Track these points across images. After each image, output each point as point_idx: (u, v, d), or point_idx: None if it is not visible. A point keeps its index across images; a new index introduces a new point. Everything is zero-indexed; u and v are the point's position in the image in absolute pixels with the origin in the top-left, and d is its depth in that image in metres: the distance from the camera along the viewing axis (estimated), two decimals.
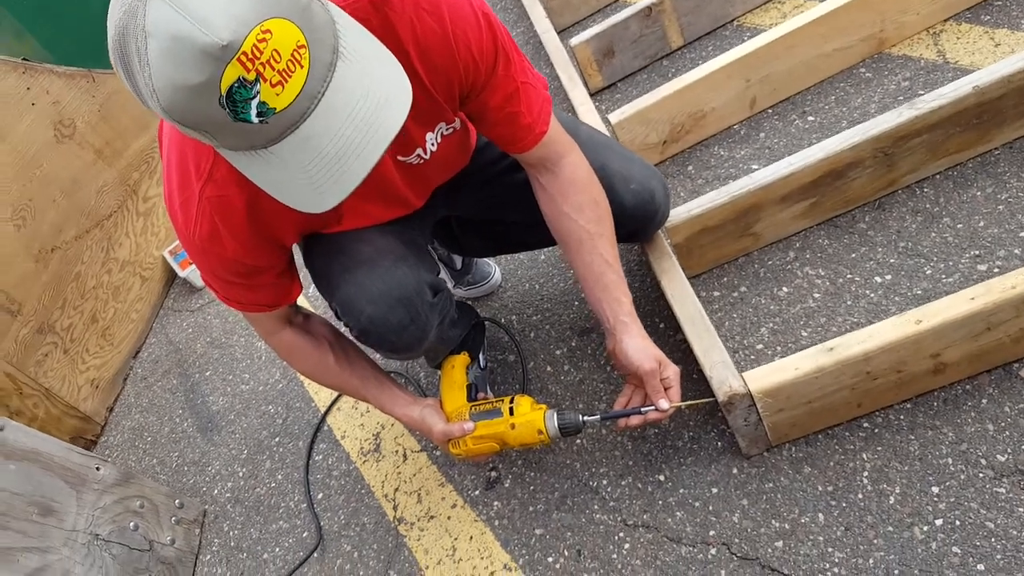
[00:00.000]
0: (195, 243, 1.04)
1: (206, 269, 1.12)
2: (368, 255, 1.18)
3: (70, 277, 2.40)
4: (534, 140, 1.13)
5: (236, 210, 1.01)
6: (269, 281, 1.16)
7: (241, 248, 1.05)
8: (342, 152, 0.79)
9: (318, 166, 0.79)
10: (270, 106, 0.73)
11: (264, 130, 0.75)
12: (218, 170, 0.97)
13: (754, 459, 1.26)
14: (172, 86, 0.70)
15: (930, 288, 1.32)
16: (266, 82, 0.71)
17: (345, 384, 1.33)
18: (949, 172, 1.46)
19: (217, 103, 0.71)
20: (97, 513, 1.63)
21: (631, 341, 1.18)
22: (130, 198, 2.72)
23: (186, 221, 1.02)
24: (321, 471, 1.74)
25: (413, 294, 1.19)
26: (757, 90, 1.78)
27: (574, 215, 1.18)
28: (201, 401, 2.18)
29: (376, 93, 0.80)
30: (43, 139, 2.39)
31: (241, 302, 1.18)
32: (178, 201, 1.01)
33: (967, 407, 1.16)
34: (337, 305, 1.20)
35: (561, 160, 1.18)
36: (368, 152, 0.80)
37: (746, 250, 1.53)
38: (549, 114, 1.15)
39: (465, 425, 1.26)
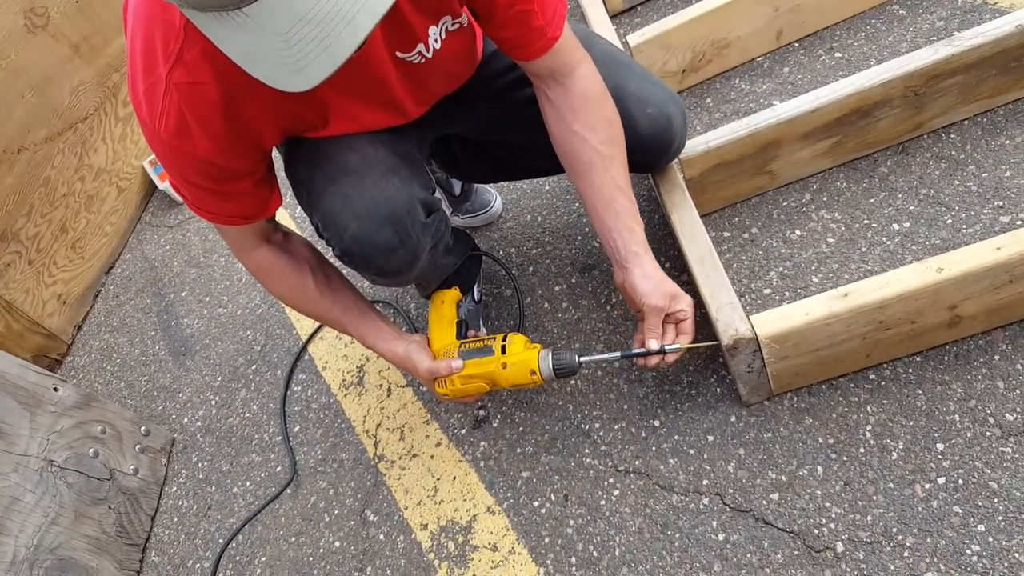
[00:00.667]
0: (161, 139, 0.95)
1: (174, 170, 1.03)
2: (356, 164, 1.11)
3: (38, 182, 2.34)
4: (545, 46, 1.07)
5: (209, 101, 0.92)
6: (245, 189, 1.08)
7: (213, 146, 0.97)
8: (330, 16, 0.69)
9: (301, 32, 0.70)
10: None
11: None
12: (189, 51, 0.88)
13: (754, 408, 1.26)
14: None
15: (949, 238, 1.31)
16: None
17: (325, 312, 1.27)
18: (978, 119, 1.44)
19: None
20: (53, 437, 1.58)
21: (641, 273, 1.14)
22: (108, 101, 2.64)
23: (151, 112, 0.92)
24: (299, 403, 1.74)
25: (404, 211, 1.12)
26: (785, 21, 1.73)
27: (585, 134, 1.13)
28: (175, 323, 2.16)
29: None
30: (11, 27, 2.29)
31: (212, 212, 1.10)
32: (142, 88, 0.91)
33: (978, 363, 1.16)
34: (319, 219, 1.13)
35: (573, 72, 1.12)
36: (362, 18, 0.70)
37: (761, 189, 1.51)
38: (563, 18, 1.08)
39: (453, 363, 1.22)
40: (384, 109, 1.14)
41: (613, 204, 1.16)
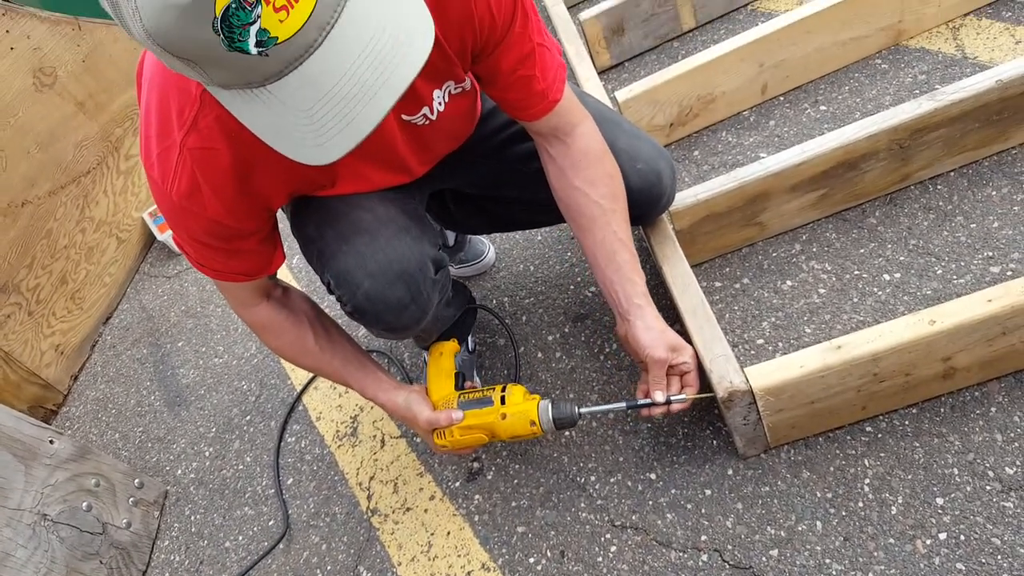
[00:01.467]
0: (171, 200, 0.95)
1: (181, 229, 1.02)
2: (368, 224, 1.10)
3: (40, 234, 2.31)
4: (547, 107, 1.08)
5: (221, 165, 0.92)
6: (251, 247, 1.07)
7: (223, 208, 0.96)
8: (353, 94, 0.69)
9: (324, 109, 0.70)
10: (272, 35, 0.64)
11: (263, 64, 0.67)
12: (203, 118, 0.88)
13: (751, 460, 1.21)
14: (159, 4, 0.61)
15: (940, 288, 1.28)
16: (268, 4, 0.62)
17: (325, 366, 1.24)
18: (964, 170, 1.42)
19: (210, 27, 0.62)
20: (47, 491, 1.53)
21: (644, 325, 1.13)
22: (111, 155, 2.63)
23: (163, 174, 0.93)
24: (293, 455, 1.68)
25: (415, 269, 1.11)
26: (769, 76, 1.73)
27: (586, 189, 1.13)
28: (171, 373, 2.11)
29: (394, 27, 0.71)
30: (20, 86, 2.30)
31: (217, 269, 1.08)
32: (156, 151, 0.92)
33: (975, 415, 1.12)
34: (331, 277, 1.12)
35: (574, 130, 1.12)
36: (382, 96, 0.70)
37: (751, 240, 1.49)
38: (564, 81, 1.09)
39: (453, 414, 1.19)
40: (390, 169, 1.13)
41: (615, 257, 1.14)
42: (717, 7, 2.08)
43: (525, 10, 0.99)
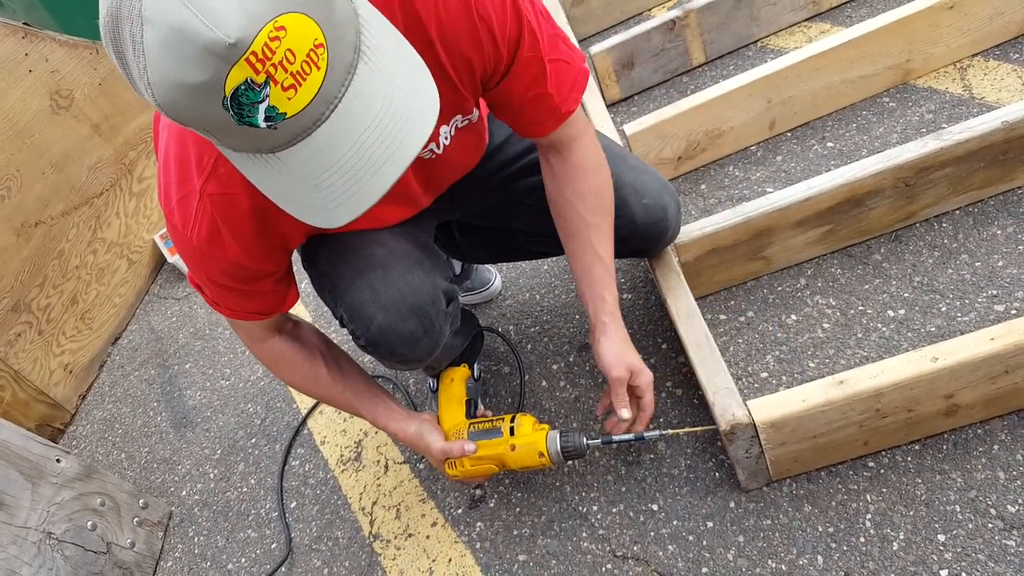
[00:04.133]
0: (192, 244, 0.97)
1: (200, 272, 1.04)
2: (381, 258, 1.13)
3: (53, 254, 2.36)
4: (558, 121, 1.09)
5: (241, 210, 0.94)
6: (267, 288, 1.09)
7: (243, 252, 0.99)
8: (359, 166, 0.72)
9: (331, 179, 0.73)
10: (280, 111, 0.67)
11: (272, 135, 0.70)
12: (223, 164, 0.90)
13: (753, 493, 1.23)
14: (170, 82, 0.64)
15: (944, 326, 1.30)
16: (277, 85, 0.65)
17: (337, 397, 1.27)
18: (970, 208, 1.44)
19: (220, 105, 0.65)
20: (53, 509, 1.55)
21: (607, 343, 1.16)
22: (124, 177, 2.69)
23: (183, 220, 0.95)
24: (297, 478, 1.70)
25: (428, 303, 1.14)
26: (777, 112, 1.77)
27: (574, 201, 1.15)
28: (178, 395, 2.14)
29: (400, 100, 0.73)
30: (37, 108, 2.36)
31: (231, 308, 1.10)
32: (175, 197, 0.94)
33: (978, 452, 1.13)
34: (344, 311, 1.14)
35: (573, 143, 1.13)
36: (388, 168, 0.73)
37: (756, 274, 1.51)
38: (581, 91, 1.09)
39: (467, 446, 1.21)
40: (398, 202, 1.16)
41: (591, 271, 1.18)
42: (727, 43, 2.13)
43: (532, 30, 0.98)
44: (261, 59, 0.63)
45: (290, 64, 0.64)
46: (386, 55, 0.73)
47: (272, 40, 0.62)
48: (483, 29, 0.93)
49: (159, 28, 0.61)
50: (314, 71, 0.66)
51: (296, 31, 0.64)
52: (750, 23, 2.09)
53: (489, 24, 0.93)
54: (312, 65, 0.66)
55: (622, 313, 1.21)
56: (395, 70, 0.74)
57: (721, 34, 2.10)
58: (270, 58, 0.63)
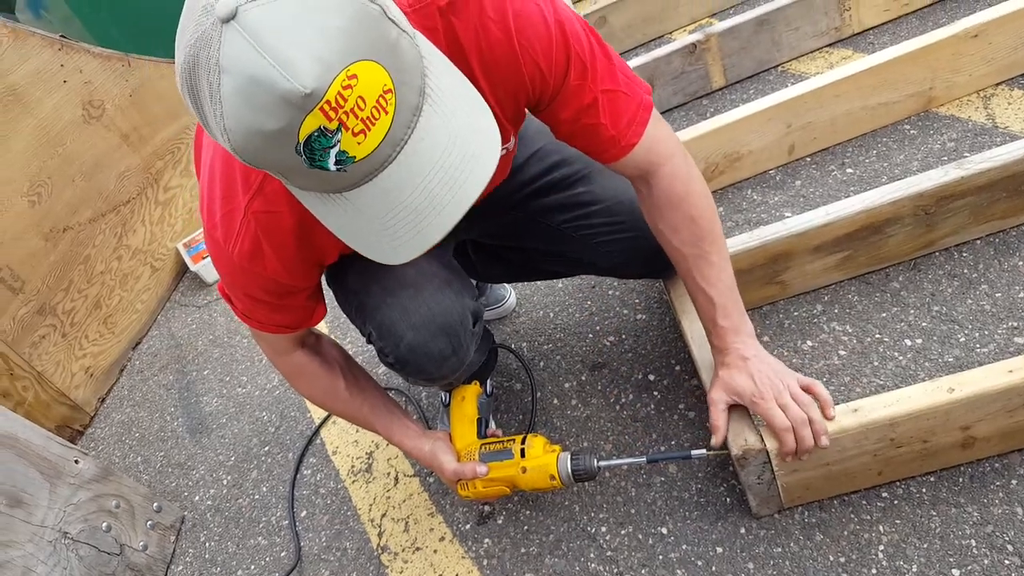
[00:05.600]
0: (232, 260, 0.98)
1: (236, 286, 1.05)
2: (412, 278, 1.14)
3: (79, 260, 2.39)
4: (620, 153, 1.05)
5: (284, 228, 0.96)
6: (299, 303, 1.10)
7: (283, 268, 1.00)
8: (424, 206, 0.74)
9: (397, 218, 0.75)
10: (350, 155, 0.68)
11: (341, 178, 0.71)
12: (270, 183, 0.92)
13: (764, 520, 1.20)
14: (245, 129, 0.65)
15: (963, 356, 1.27)
16: (348, 131, 0.66)
17: (355, 412, 1.28)
18: (991, 238, 1.42)
19: (293, 150, 0.67)
20: (69, 509, 1.56)
21: (715, 371, 1.15)
22: (151, 186, 2.73)
23: (226, 235, 0.96)
24: (308, 487, 1.70)
25: (457, 322, 1.15)
26: (797, 137, 1.75)
27: (668, 234, 1.13)
28: (195, 400, 2.15)
29: (463, 141, 0.75)
30: (70, 117, 2.41)
31: (261, 321, 1.11)
32: (219, 213, 0.95)
33: (995, 487, 1.10)
34: (373, 328, 1.15)
35: (657, 171, 1.09)
36: (451, 209, 0.75)
37: (772, 299, 1.49)
38: (643, 124, 1.04)
39: (479, 468, 1.20)
40: None
41: (697, 302, 1.16)
42: (747, 67, 2.12)
43: (583, 61, 0.96)
44: (334, 107, 0.64)
45: (361, 111, 0.65)
46: (449, 96, 0.75)
47: (345, 88, 0.63)
48: (526, 59, 0.92)
49: (236, 77, 0.62)
50: (383, 116, 0.67)
51: (367, 78, 0.65)
52: (771, 48, 2.08)
53: (532, 53, 0.92)
54: (381, 110, 0.67)
55: (635, 332, 1.20)
56: (458, 110, 0.75)
57: (742, 58, 2.10)
58: (343, 106, 0.64)
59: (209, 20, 0.63)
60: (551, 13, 0.93)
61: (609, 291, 1.74)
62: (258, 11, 0.61)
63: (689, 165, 1.12)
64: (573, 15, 0.97)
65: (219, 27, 0.62)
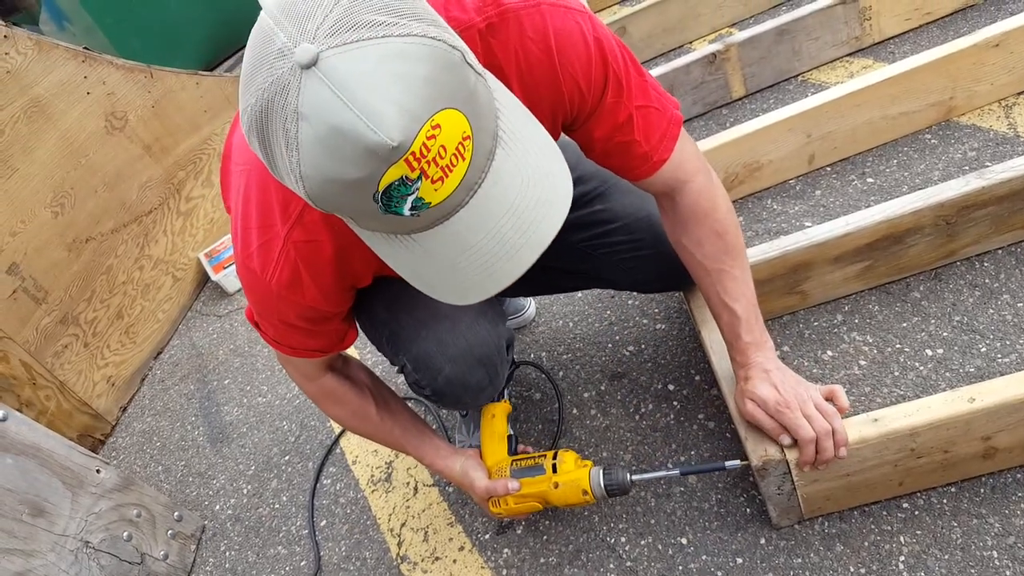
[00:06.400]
0: (270, 288, 0.97)
1: (272, 313, 1.04)
2: (446, 309, 1.14)
3: (101, 270, 2.45)
4: (651, 169, 1.07)
5: (324, 257, 0.96)
6: (333, 327, 1.11)
7: (321, 296, 1.00)
8: (495, 250, 0.74)
9: (468, 261, 0.75)
10: (426, 201, 0.68)
11: (413, 222, 0.71)
12: (309, 212, 0.92)
13: (784, 531, 1.22)
14: (324, 177, 0.64)
15: (984, 367, 1.28)
16: (427, 179, 0.66)
17: (386, 435, 1.29)
18: (1012, 248, 1.43)
19: (371, 198, 0.66)
20: (91, 519, 1.60)
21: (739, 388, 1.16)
22: (172, 197, 2.79)
23: (264, 265, 0.95)
24: (328, 496, 1.73)
25: (494, 352, 1.17)
26: (817, 146, 1.77)
27: (692, 248, 1.15)
28: (215, 410, 2.20)
29: (535, 185, 0.75)
30: (93, 128, 2.47)
31: (293, 347, 1.11)
32: (256, 243, 0.95)
33: (1017, 498, 1.11)
34: (408, 360, 1.17)
35: (684, 187, 1.11)
36: (524, 253, 0.75)
37: (792, 308, 1.51)
38: (674, 139, 1.07)
39: (510, 484, 1.22)
40: None
41: (719, 319, 1.18)
42: (767, 77, 2.15)
43: (619, 79, 0.97)
44: (418, 158, 0.64)
45: (441, 159, 0.66)
46: (521, 138, 0.75)
47: (429, 139, 0.63)
48: (566, 77, 0.93)
49: (317, 126, 0.62)
50: (460, 162, 0.67)
51: (449, 127, 0.65)
52: (791, 57, 2.11)
53: (572, 72, 0.93)
54: (459, 157, 0.67)
55: (654, 342, 1.22)
56: (529, 153, 0.75)
57: (762, 68, 2.12)
58: (426, 156, 0.64)
59: (287, 65, 0.62)
60: (590, 31, 0.93)
61: (629, 301, 1.77)
62: (340, 58, 0.61)
63: (713, 180, 1.14)
64: (610, 33, 0.97)
65: (298, 73, 0.61)
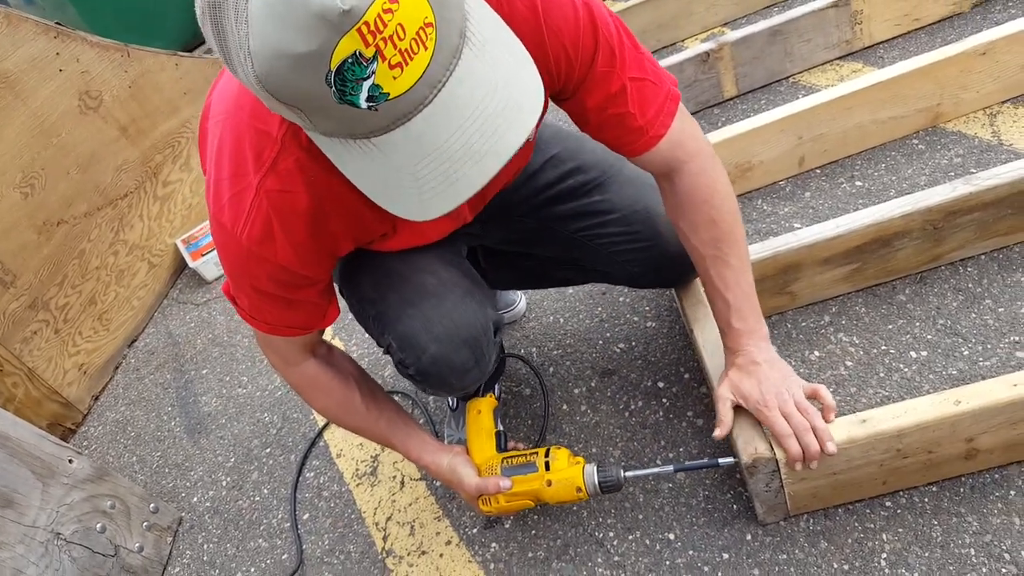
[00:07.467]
0: (240, 244, 0.94)
1: (244, 277, 1.01)
2: (433, 287, 1.15)
3: (73, 254, 2.44)
4: (647, 144, 1.06)
5: (298, 209, 0.93)
6: (309, 298, 1.07)
7: (294, 254, 0.97)
8: (459, 155, 0.71)
9: (429, 168, 0.72)
10: (384, 90, 0.65)
11: (371, 118, 0.68)
12: (283, 160, 0.89)
13: (770, 527, 1.27)
14: (273, 52, 0.62)
15: (966, 369, 1.35)
16: (384, 61, 0.63)
17: (371, 427, 1.28)
18: (995, 254, 1.50)
19: (323, 79, 0.64)
20: (62, 510, 1.58)
21: (726, 374, 1.21)
22: (149, 180, 2.78)
23: (234, 217, 0.92)
24: (311, 490, 1.75)
25: (480, 333, 1.17)
26: (808, 148, 1.83)
27: (688, 233, 1.16)
28: (193, 400, 2.20)
29: (503, 90, 0.73)
30: (66, 107, 2.45)
31: (270, 323, 1.08)
32: (228, 194, 0.92)
33: (994, 497, 1.18)
34: (394, 339, 1.16)
35: (682, 168, 1.11)
36: (489, 160, 0.72)
37: (780, 309, 1.57)
38: (671, 115, 1.06)
39: (502, 483, 1.22)
40: (447, 216, 1.20)
41: (714, 304, 1.21)
42: (759, 77, 2.21)
43: (611, 47, 0.97)
44: (372, 31, 0.61)
45: (400, 40, 0.63)
46: (491, 42, 0.73)
47: (385, 12, 0.61)
48: (552, 39, 0.92)
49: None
50: (421, 51, 0.65)
51: (408, 6, 0.63)
52: (783, 59, 2.17)
53: (559, 34, 0.92)
54: (420, 44, 0.65)
55: (645, 339, 1.25)
56: (500, 58, 0.74)
57: (754, 68, 2.18)
58: (381, 31, 0.62)
59: None
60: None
61: (620, 298, 1.81)
62: None
63: (715, 164, 1.15)
64: (603, 3, 0.98)
65: None
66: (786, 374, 1.17)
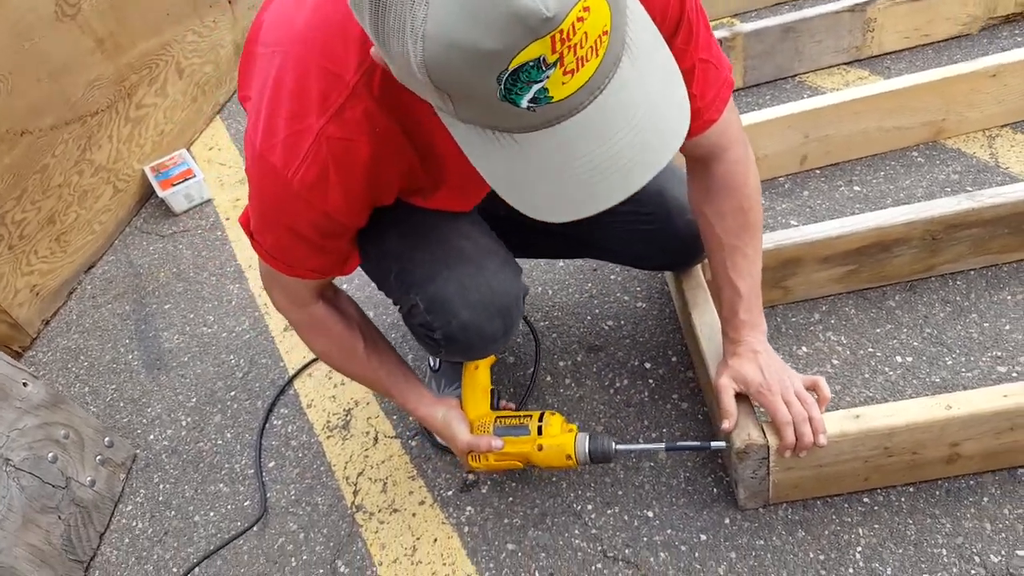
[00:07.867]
0: (289, 186, 0.90)
1: (281, 219, 0.98)
2: (470, 253, 1.14)
3: (35, 168, 2.32)
4: (700, 127, 1.06)
5: (358, 160, 0.90)
6: (340, 246, 1.06)
7: (345, 203, 0.95)
8: (605, 165, 0.70)
9: (572, 173, 0.70)
10: (549, 94, 0.63)
11: (524, 117, 0.66)
12: (351, 108, 0.86)
13: (749, 513, 1.31)
14: (450, 41, 0.58)
15: (948, 379, 1.40)
16: (561, 68, 0.61)
17: (370, 373, 1.28)
18: (985, 271, 1.56)
19: (494, 78, 0.61)
20: (13, 435, 1.53)
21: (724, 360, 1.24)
22: (122, 100, 2.66)
23: (287, 160, 0.89)
24: (278, 438, 1.73)
25: (513, 304, 1.16)
26: (812, 148, 1.87)
27: (713, 219, 1.18)
28: (153, 335, 2.14)
29: (655, 100, 0.71)
30: (41, 11, 2.32)
31: (290, 264, 1.06)
32: (283, 133, 0.88)
33: (968, 502, 1.24)
34: (422, 300, 1.15)
35: (723, 155, 1.12)
36: (636, 172, 0.71)
37: (773, 302, 1.60)
38: (725, 101, 1.07)
39: (494, 442, 1.24)
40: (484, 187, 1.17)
41: (721, 292, 1.23)
42: (767, 72, 2.24)
43: (691, 24, 0.96)
44: (563, 38, 0.59)
45: (580, 48, 0.61)
46: (646, 51, 0.71)
47: (578, 20, 0.59)
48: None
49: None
50: (593, 58, 0.63)
51: (596, 13, 0.60)
52: (793, 57, 2.20)
53: (650, 2, 0.89)
54: (594, 52, 0.63)
55: (634, 319, 1.26)
56: (654, 70, 0.72)
57: (763, 62, 2.21)
58: (570, 39, 0.59)
59: None
60: None
61: (611, 276, 1.83)
62: None
63: (751, 155, 1.17)
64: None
65: None
66: (785, 365, 1.22)
